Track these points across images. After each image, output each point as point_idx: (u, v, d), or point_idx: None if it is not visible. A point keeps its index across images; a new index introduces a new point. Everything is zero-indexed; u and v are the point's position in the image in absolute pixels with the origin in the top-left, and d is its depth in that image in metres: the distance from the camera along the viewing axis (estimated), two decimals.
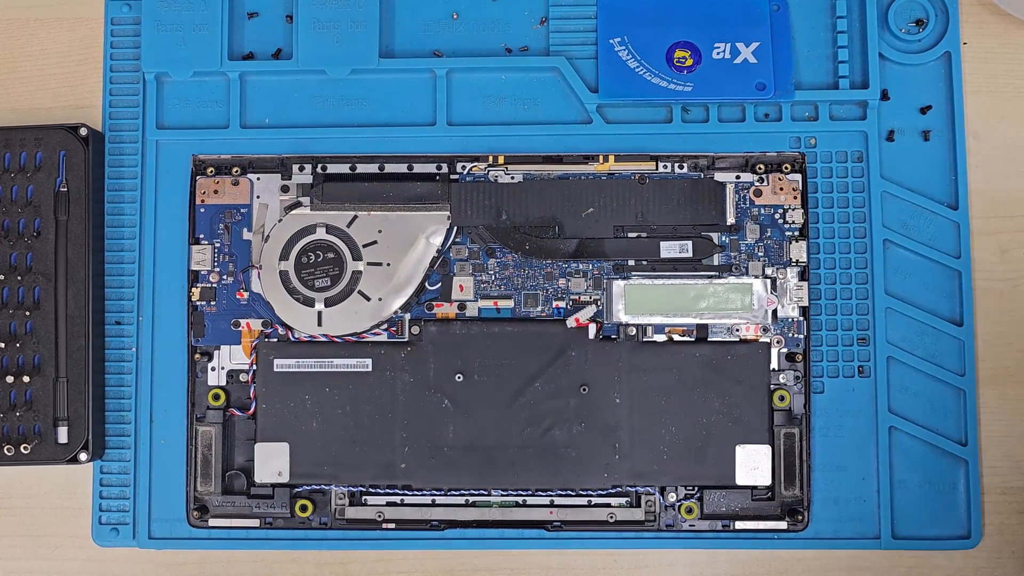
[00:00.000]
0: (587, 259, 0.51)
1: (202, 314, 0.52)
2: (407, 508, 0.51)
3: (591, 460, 0.50)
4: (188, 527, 0.51)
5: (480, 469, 0.50)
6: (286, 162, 0.52)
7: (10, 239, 0.51)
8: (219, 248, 0.52)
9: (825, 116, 0.53)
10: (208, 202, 0.52)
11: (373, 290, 0.51)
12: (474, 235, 0.52)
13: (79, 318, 0.51)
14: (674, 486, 0.50)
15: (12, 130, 0.52)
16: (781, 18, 0.53)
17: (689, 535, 0.51)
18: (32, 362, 0.51)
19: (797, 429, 0.50)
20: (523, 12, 0.54)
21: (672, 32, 0.53)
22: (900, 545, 0.51)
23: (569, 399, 0.50)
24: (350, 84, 0.53)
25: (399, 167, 0.52)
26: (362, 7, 0.53)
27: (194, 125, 0.54)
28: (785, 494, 0.50)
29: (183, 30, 0.53)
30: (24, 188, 0.52)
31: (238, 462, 0.51)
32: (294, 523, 0.51)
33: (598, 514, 0.50)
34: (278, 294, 0.51)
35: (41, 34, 0.56)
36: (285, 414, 0.51)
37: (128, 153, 0.54)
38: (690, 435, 0.50)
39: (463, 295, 0.52)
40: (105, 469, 0.52)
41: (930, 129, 0.53)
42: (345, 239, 0.51)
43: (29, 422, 0.51)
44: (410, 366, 0.51)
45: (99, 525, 0.52)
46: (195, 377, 0.51)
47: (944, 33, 0.53)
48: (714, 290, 0.50)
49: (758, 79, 0.52)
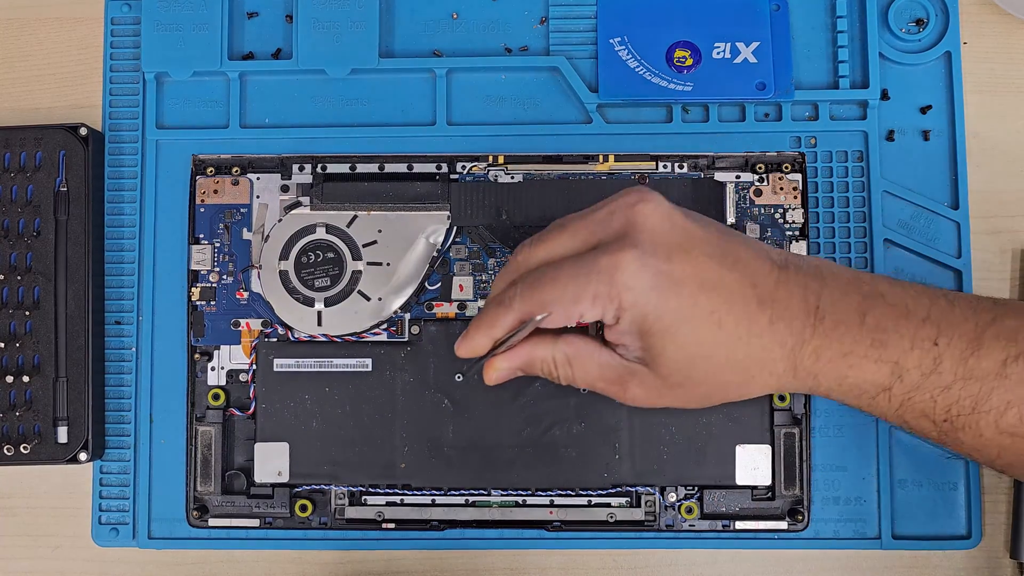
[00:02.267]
0: None
1: (202, 314, 0.52)
2: (407, 508, 0.51)
3: (591, 460, 0.50)
4: (188, 527, 0.51)
5: (480, 469, 0.50)
6: (286, 162, 0.52)
7: (10, 239, 0.51)
8: (219, 248, 0.52)
9: (825, 116, 0.53)
10: (208, 202, 0.52)
11: (373, 290, 0.51)
12: (474, 235, 0.52)
13: (79, 318, 0.51)
14: (674, 486, 0.50)
15: (12, 130, 0.52)
16: (781, 18, 0.53)
17: (689, 535, 0.51)
18: (32, 362, 0.51)
19: (797, 429, 0.50)
20: (523, 12, 0.54)
21: (672, 32, 0.53)
22: (900, 545, 0.51)
23: (569, 399, 0.50)
24: (350, 84, 0.53)
25: (399, 167, 0.52)
26: (362, 7, 0.53)
27: (194, 125, 0.54)
28: (785, 494, 0.50)
29: (183, 30, 0.53)
30: (24, 188, 0.52)
31: (238, 462, 0.51)
32: (294, 523, 0.51)
33: (598, 514, 0.50)
34: (278, 294, 0.51)
35: (41, 34, 0.56)
36: (285, 414, 0.51)
37: (128, 153, 0.54)
38: (690, 435, 0.50)
39: (463, 295, 0.52)
40: (105, 469, 0.52)
41: (930, 129, 0.53)
42: (345, 239, 0.51)
43: (29, 422, 0.51)
44: (410, 366, 0.51)
45: (99, 525, 0.52)
46: (195, 377, 0.51)
47: (944, 33, 0.53)
48: None
49: (758, 79, 0.52)
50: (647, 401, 0.41)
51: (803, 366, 0.38)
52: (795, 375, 0.39)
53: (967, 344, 0.37)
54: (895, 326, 0.38)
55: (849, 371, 0.38)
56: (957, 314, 0.38)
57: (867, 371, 0.38)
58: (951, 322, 0.38)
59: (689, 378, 0.39)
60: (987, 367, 0.37)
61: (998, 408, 0.37)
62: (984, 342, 0.37)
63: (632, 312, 0.38)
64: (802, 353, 0.38)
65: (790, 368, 0.39)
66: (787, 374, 0.39)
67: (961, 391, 0.37)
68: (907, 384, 0.38)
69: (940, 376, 0.37)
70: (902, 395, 0.38)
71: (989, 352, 0.37)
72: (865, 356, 0.38)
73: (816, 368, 0.38)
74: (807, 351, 0.38)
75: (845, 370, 0.38)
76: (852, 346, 0.38)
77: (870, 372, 0.38)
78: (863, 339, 0.38)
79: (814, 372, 0.39)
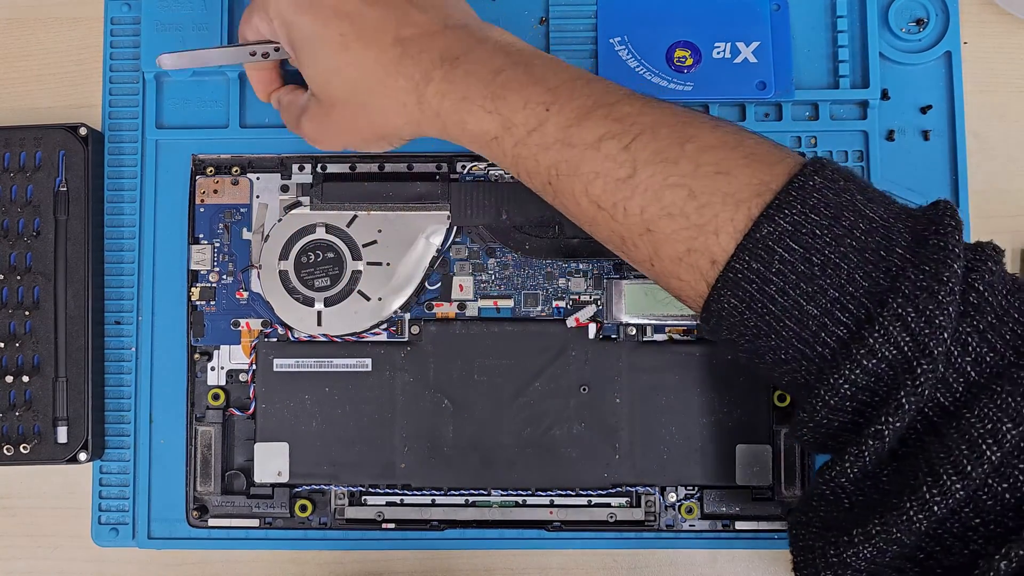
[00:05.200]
0: (587, 259, 0.51)
1: (202, 314, 0.52)
2: (407, 508, 0.51)
3: (591, 460, 0.50)
4: (188, 527, 0.51)
5: (480, 469, 0.50)
6: (286, 162, 0.52)
7: (10, 239, 0.51)
8: (219, 248, 0.52)
9: (825, 116, 0.53)
10: (208, 202, 0.52)
11: (373, 290, 0.51)
12: (474, 235, 0.52)
13: (79, 318, 0.51)
14: (674, 486, 0.50)
15: (12, 130, 0.52)
16: (781, 18, 0.53)
17: (689, 535, 0.51)
18: (32, 362, 0.51)
19: None
20: (523, 12, 0.54)
21: (672, 32, 0.52)
22: None
23: (569, 399, 0.50)
24: None
25: (399, 167, 0.52)
26: None
27: (194, 125, 0.54)
28: (785, 494, 0.50)
29: (183, 30, 0.53)
30: (24, 188, 0.51)
31: (238, 462, 0.51)
32: (294, 523, 0.51)
33: (598, 514, 0.50)
34: (278, 294, 0.51)
35: (41, 34, 0.56)
36: (285, 414, 0.51)
37: (128, 153, 0.54)
38: (690, 435, 0.50)
39: (463, 295, 0.52)
40: (105, 469, 0.52)
41: (930, 129, 0.53)
42: (345, 239, 0.51)
43: (28, 422, 0.51)
44: (410, 366, 0.51)
45: (99, 525, 0.52)
46: (195, 377, 0.51)
47: (944, 33, 0.53)
48: None
49: (758, 79, 0.52)
50: (318, 129, 0.46)
51: (428, 104, 0.42)
52: (421, 111, 0.42)
53: (576, 115, 0.39)
54: (520, 88, 0.40)
55: (468, 116, 0.41)
56: (583, 92, 0.40)
57: (481, 119, 0.41)
58: (572, 96, 0.40)
59: (331, 97, 0.44)
60: (585, 137, 0.39)
61: (588, 177, 0.39)
62: (591, 117, 0.39)
63: (279, 23, 0.44)
64: (427, 91, 0.42)
65: (416, 102, 0.42)
66: (415, 109, 0.42)
67: (558, 154, 0.40)
68: (513, 137, 0.40)
69: (542, 136, 0.40)
70: (511, 147, 0.41)
71: (592, 125, 0.39)
72: (481, 106, 0.41)
73: (441, 108, 0.42)
74: (432, 90, 0.41)
75: (464, 115, 0.41)
76: (471, 93, 0.41)
77: (484, 121, 0.41)
78: (483, 91, 0.41)
79: (439, 112, 0.42)
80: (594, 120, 0.39)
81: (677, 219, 0.37)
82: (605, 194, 0.39)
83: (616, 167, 0.38)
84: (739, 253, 0.36)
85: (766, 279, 0.36)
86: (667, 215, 0.38)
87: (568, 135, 0.39)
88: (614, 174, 0.39)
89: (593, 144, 0.39)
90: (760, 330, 0.37)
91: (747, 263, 0.36)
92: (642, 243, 0.39)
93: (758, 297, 0.36)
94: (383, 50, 0.42)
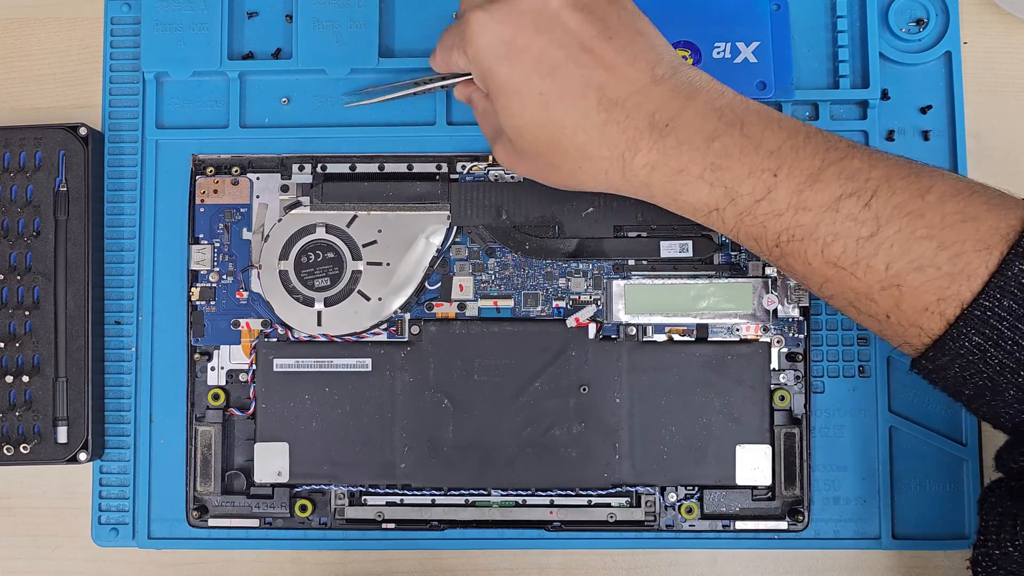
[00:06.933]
0: (587, 259, 0.51)
1: (202, 314, 0.52)
2: (407, 508, 0.51)
3: (591, 460, 0.50)
4: (188, 527, 0.51)
5: (480, 469, 0.50)
6: (286, 162, 0.52)
7: (9, 239, 0.51)
8: (219, 248, 0.52)
9: (825, 116, 0.53)
10: (208, 202, 0.52)
11: (373, 290, 0.51)
12: (474, 235, 0.52)
13: (79, 318, 0.51)
14: (674, 486, 0.50)
15: (11, 130, 0.52)
16: (781, 18, 0.53)
17: (689, 535, 0.51)
18: (32, 362, 0.51)
19: (797, 429, 0.50)
20: None
21: (672, 32, 0.52)
22: (900, 545, 0.51)
23: (569, 399, 0.50)
24: (350, 84, 0.53)
25: (399, 167, 0.52)
26: (362, 7, 0.53)
27: (194, 125, 0.54)
28: (785, 494, 0.50)
29: (183, 30, 0.53)
30: (24, 188, 0.52)
31: (238, 462, 0.51)
32: (294, 523, 0.51)
33: (598, 514, 0.50)
34: (278, 294, 0.51)
35: (41, 34, 0.56)
36: (285, 414, 0.51)
37: (128, 153, 0.54)
38: (690, 435, 0.50)
39: (463, 295, 0.52)
40: (105, 469, 0.52)
41: (930, 129, 0.53)
42: (345, 239, 0.51)
43: (28, 422, 0.51)
44: (410, 366, 0.51)
45: (99, 525, 0.52)
46: (195, 377, 0.51)
47: (944, 33, 0.53)
48: (714, 290, 0.50)
49: (758, 78, 0.52)
50: (508, 163, 0.45)
51: (634, 175, 0.40)
52: (625, 180, 0.41)
53: (806, 178, 0.38)
54: (740, 155, 0.39)
55: (683, 188, 0.40)
56: (807, 150, 0.39)
57: (698, 191, 0.40)
58: (798, 157, 0.39)
59: (525, 149, 0.42)
60: (821, 200, 0.38)
61: (825, 239, 0.38)
62: (823, 177, 0.38)
63: (476, 66, 0.41)
64: (633, 162, 0.40)
65: (619, 172, 0.41)
66: (617, 178, 0.41)
67: (792, 220, 0.39)
68: (738, 207, 0.39)
69: (772, 204, 0.39)
70: (734, 217, 0.40)
71: (825, 187, 0.38)
72: (700, 177, 0.39)
73: (650, 180, 0.40)
74: (639, 161, 0.40)
75: (680, 187, 0.40)
76: (686, 166, 0.39)
77: (703, 193, 0.40)
78: (700, 162, 0.39)
79: (647, 183, 0.40)
80: (826, 181, 0.38)
81: (927, 271, 0.37)
82: (846, 254, 0.38)
83: (858, 226, 0.38)
84: (989, 291, 0.36)
85: (1020, 316, 0.36)
86: (916, 268, 0.37)
87: (802, 200, 0.38)
88: (855, 233, 0.38)
89: (831, 206, 0.38)
90: (1006, 367, 0.37)
91: (998, 300, 0.36)
92: (882, 298, 0.39)
93: (1008, 335, 0.36)
94: (585, 115, 0.40)
